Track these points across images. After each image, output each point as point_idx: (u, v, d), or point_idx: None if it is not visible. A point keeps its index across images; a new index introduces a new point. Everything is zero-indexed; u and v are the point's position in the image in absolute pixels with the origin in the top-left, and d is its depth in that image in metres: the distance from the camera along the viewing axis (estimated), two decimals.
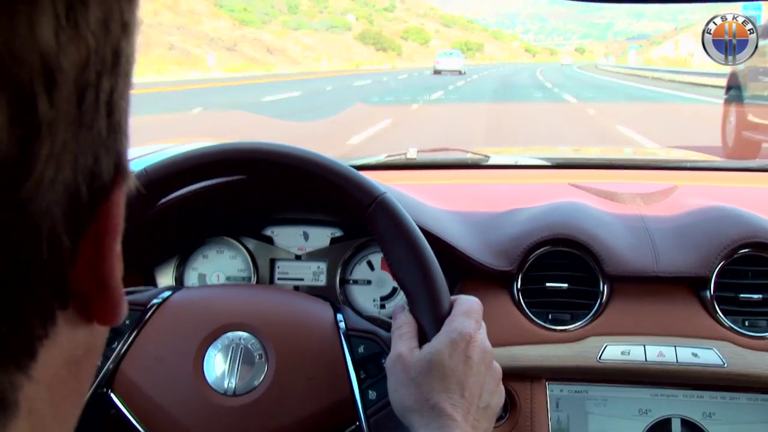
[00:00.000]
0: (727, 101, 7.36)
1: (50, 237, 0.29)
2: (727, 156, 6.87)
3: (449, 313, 0.82)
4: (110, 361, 0.86)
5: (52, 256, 0.30)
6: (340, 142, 8.86)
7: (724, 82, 7.43)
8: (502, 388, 0.82)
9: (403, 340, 0.80)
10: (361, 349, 0.87)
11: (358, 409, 0.84)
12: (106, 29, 0.30)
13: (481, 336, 0.81)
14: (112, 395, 0.86)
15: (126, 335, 0.88)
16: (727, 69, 7.08)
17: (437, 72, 40.42)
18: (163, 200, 0.97)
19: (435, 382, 0.75)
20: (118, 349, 0.87)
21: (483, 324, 0.83)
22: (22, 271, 0.29)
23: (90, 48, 0.29)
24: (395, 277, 0.86)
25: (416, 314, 0.83)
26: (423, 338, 0.81)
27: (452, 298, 0.85)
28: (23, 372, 0.30)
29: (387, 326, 0.87)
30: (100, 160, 0.31)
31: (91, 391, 0.85)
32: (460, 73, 39.67)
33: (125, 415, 0.85)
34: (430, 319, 0.82)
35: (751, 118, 6.68)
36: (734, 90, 7.12)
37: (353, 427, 0.84)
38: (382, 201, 0.86)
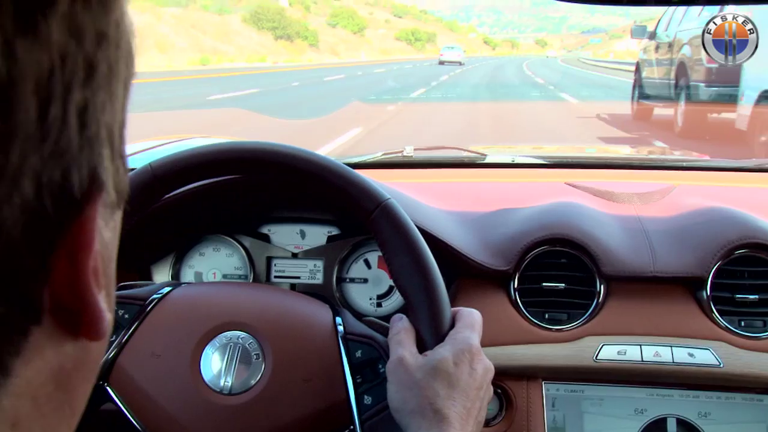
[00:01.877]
0: (635, 81, 10.59)
1: (11, 257, 0.28)
2: (633, 117, 10.27)
3: (451, 324, 0.83)
4: (107, 353, 0.86)
5: (16, 276, 0.28)
6: None
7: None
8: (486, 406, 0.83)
9: (402, 345, 0.80)
10: (358, 354, 0.87)
11: (353, 413, 0.84)
12: (76, 41, 0.28)
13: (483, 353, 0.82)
14: (108, 388, 0.86)
15: (125, 329, 0.88)
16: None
17: (442, 63, 45.65)
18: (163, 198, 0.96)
19: (441, 389, 0.75)
20: (116, 342, 0.87)
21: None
22: None
23: (53, 61, 0.27)
24: (396, 283, 0.86)
25: (415, 322, 0.83)
26: (421, 346, 0.81)
27: (453, 310, 0.85)
28: None
29: (385, 331, 0.87)
30: (70, 174, 0.29)
31: None
32: (459, 63, 44.58)
33: (120, 408, 0.85)
34: (430, 328, 0.82)
35: (645, 91, 10.02)
36: (637, 73, 10.48)
37: (347, 431, 0.84)
38: (386, 207, 0.86)
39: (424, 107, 14.43)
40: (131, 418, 0.85)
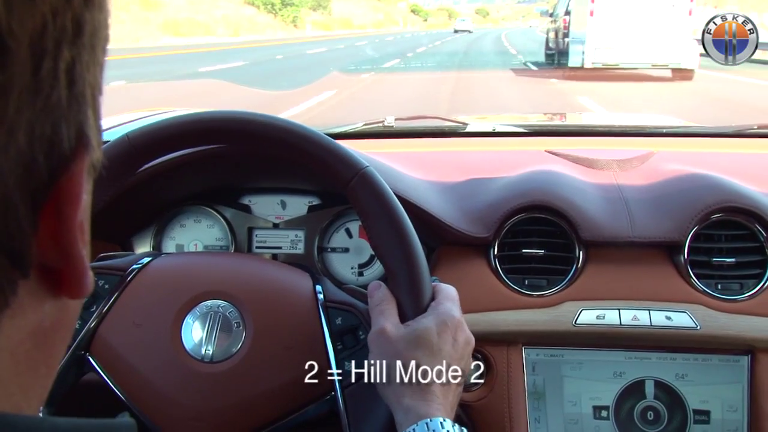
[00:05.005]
0: (546, 42, 18.98)
1: (5, 205, 0.29)
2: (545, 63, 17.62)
3: (432, 295, 0.83)
4: (88, 323, 0.86)
5: (8, 224, 0.29)
6: None
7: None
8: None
9: (384, 316, 0.80)
10: (338, 321, 0.87)
11: (335, 379, 0.84)
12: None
13: (466, 325, 0.82)
14: (90, 358, 0.86)
15: (105, 299, 0.88)
16: None
17: (456, 31, 56.61)
18: (141, 168, 0.96)
19: (425, 358, 0.76)
20: (96, 312, 0.87)
21: None
22: None
23: (46, 16, 0.28)
24: (376, 251, 0.85)
25: (396, 291, 0.83)
26: (401, 316, 0.81)
27: (432, 284, 0.85)
28: None
29: (365, 298, 0.87)
30: (59, 129, 0.31)
31: (69, 353, 0.85)
32: (469, 32, 54.23)
33: (102, 377, 0.86)
34: (411, 297, 0.81)
35: (549, 46, 18.20)
36: (546, 37, 18.88)
37: (328, 397, 0.85)
38: (364, 174, 0.85)
39: None
40: (113, 388, 0.85)
